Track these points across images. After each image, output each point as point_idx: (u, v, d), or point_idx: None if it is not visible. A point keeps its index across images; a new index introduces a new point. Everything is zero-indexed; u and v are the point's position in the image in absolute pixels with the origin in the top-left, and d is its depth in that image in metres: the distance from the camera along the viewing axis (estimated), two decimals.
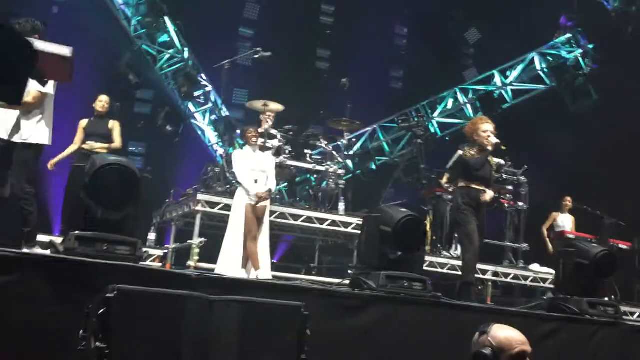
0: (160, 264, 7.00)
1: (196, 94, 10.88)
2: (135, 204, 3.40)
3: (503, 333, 2.57)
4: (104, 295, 2.69)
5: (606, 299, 8.41)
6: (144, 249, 3.50)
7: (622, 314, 4.86)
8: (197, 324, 2.79)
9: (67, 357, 3.02)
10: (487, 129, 5.91)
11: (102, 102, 7.44)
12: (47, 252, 3.47)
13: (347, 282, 4.43)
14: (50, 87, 4.49)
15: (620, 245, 9.39)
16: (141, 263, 3.44)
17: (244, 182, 6.58)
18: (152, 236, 7.70)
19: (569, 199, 9.79)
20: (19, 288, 2.97)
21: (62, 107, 5.13)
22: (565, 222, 9.67)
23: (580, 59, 11.31)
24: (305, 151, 8.37)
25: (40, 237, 5.91)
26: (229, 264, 6.44)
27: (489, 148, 5.83)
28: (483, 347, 2.52)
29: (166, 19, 10.87)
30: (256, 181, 6.65)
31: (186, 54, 11.00)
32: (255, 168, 6.69)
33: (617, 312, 4.74)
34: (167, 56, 10.89)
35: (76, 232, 3.25)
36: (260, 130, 7.37)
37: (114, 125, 7.37)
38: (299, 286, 3.90)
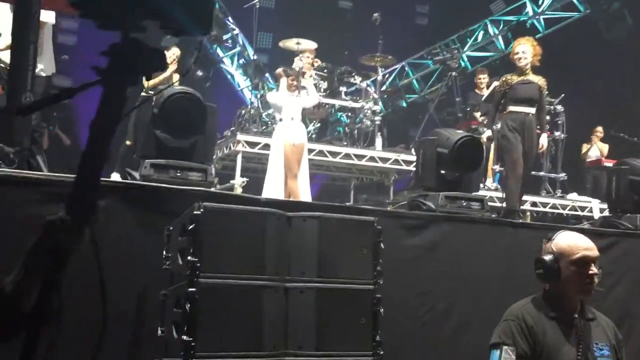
0: None
1: (224, 37, 10.80)
2: (203, 132, 3.47)
3: (566, 239, 2.58)
4: (189, 213, 2.80)
5: None
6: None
7: None
8: (278, 238, 2.89)
9: (151, 275, 3.16)
10: (518, 51, 5.96)
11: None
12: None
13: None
14: (50, 16, 4.48)
15: None
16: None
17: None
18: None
19: (599, 128, 9.73)
20: (105, 213, 3.09)
21: None
22: (596, 151, 9.63)
23: None
24: (340, 88, 8.36)
25: None
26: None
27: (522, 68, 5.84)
28: (545, 254, 2.56)
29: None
30: (292, 119, 6.72)
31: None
32: (291, 110, 6.75)
33: None
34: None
35: (150, 160, 3.34)
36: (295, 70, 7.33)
37: None
38: (363, 207, 3.99)
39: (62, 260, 1.38)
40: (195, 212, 2.72)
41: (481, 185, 8.43)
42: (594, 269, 2.52)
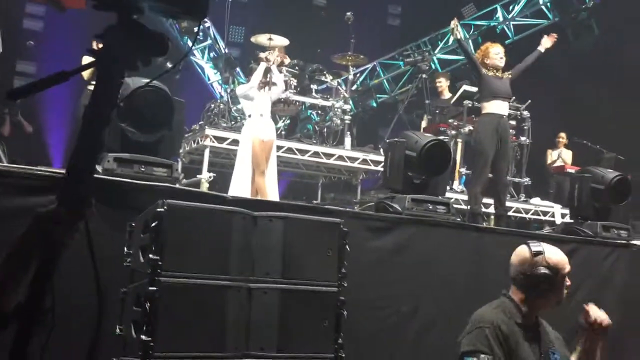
0: None
1: (195, 29, 10.63)
2: (169, 127, 3.40)
3: (556, 253, 2.67)
4: (152, 210, 2.74)
5: None
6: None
7: (633, 237, 5.01)
8: (243, 238, 2.86)
9: (112, 272, 3.08)
10: (498, 51, 6.22)
11: None
12: None
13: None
14: None
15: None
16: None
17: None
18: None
19: (562, 134, 9.92)
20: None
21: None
22: (561, 155, 9.83)
23: None
24: (311, 86, 8.34)
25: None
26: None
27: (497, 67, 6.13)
28: (538, 267, 2.59)
29: None
30: (262, 115, 6.67)
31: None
32: (261, 105, 6.70)
33: (629, 235, 4.89)
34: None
35: (114, 154, 3.26)
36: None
37: None
38: (330, 208, 3.97)
39: (55, 256, 1.31)
40: (158, 210, 2.66)
41: (447, 188, 8.57)
42: (569, 282, 2.67)
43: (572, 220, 5.10)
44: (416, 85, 9.12)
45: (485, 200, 8.33)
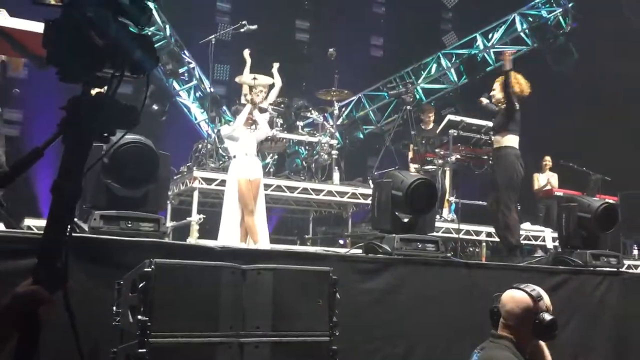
0: None
1: (180, 71, 10.76)
2: (155, 181, 3.41)
3: (546, 295, 2.82)
4: (140, 270, 2.73)
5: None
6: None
7: (623, 264, 5.03)
8: (232, 293, 2.84)
9: (99, 332, 3.06)
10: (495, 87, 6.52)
11: None
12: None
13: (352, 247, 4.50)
14: None
15: (607, 200, 9.64)
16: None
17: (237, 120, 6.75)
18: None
19: (547, 158, 10.03)
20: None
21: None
22: (549, 180, 9.90)
23: (561, 17, 11.42)
24: (297, 123, 8.40)
25: (30, 222, 5.94)
26: (230, 239, 6.48)
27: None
28: (543, 313, 2.74)
29: None
30: (247, 154, 6.71)
31: (168, 31, 10.85)
32: (246, 145, 6.74)
33: (618, 262, 4.92)
34: (148, 33, 10.68)
35: (100, 211, 3.26)
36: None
37: None
38: (318, 253, 3.97)
39: (35, 334, 1.29)
40: (145, 269, 2.66)
41: (438, 217, 8.60)
42: None
43: (562, 250, 5.12)
44: (401, 116, 9.23)
45: (477, 227, 8.46)
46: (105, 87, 1.42)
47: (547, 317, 2.71)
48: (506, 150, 5.99)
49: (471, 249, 9.44)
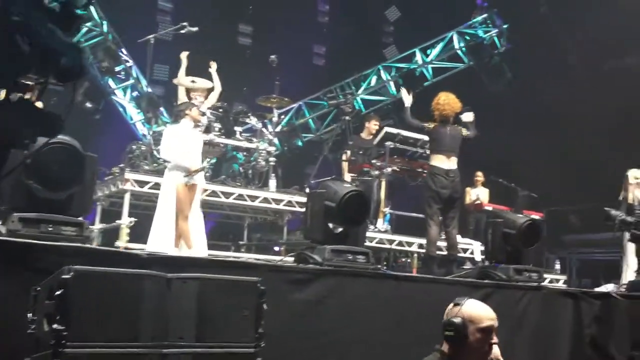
0: None
1: (117, 69, 10.47)
2: (80, 183, 3.29)
3: (475, 307, 2.75)
4: (57, 276, 2.62)
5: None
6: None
7: (544, 279, 5.24)
8: (155, 302, 2.77)
9: (16, 339, 2.93)
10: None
11: None
12: None
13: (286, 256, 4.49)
14: None
15: (533, 216, 10.03)
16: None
17: (173, 159, 6.46)
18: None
19: (479, 173, 10.35)
20: None
21: None
22: (478, 195, 10.21)
23: (496, 38, 11.84)
24: (235, 128, 8.32)
25: None
26: (160, 243, 6.32)
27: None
28: (454, 317, 2.68)
29: None
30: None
31: (105, 28, 10.54)
32: (187, 146, 6.60)
33: (540, 277, 5.11)
34: (85, 29, 10.38)
35: (19, 213, 3.11)
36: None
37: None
38: (248, 262, 3.94)
39: None
40: (63, 276, 2.55)
41: (372, 227, 8.71)
42: (495, 339, 2.70)
43: (486, 265, 5.28)
44: (340, 126, 9.31)
45: (408, 238, 8.63)
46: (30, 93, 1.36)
47: (451, 319, 2.67)
48: (428, 170, 6.63)
49: (403, 259, 9.62)
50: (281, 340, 3.62)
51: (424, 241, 8.69)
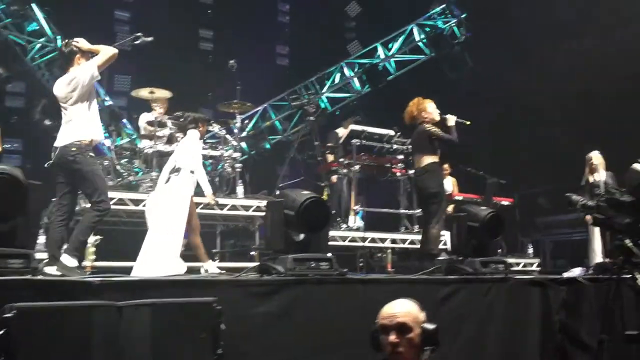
0: None
1: None
2: (24, 213, 3.19)
3: (384, 308, 2.74)
4: (0, 316, 2.53)
5: (499, 250, 9.15)
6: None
7: (510, 269, 5.26)
8: (107, 333, 2.70)
9: None
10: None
11: None
12: None
13: (251, 266, 4.43)
14: None
15: (503, 202, 10.13)
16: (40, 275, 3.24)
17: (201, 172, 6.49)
18: (41, 239, 7.26)
19: (445, 166, 10.38)
20: None
21: None
22: (446, 186, 10.24)
23: (455, 28, 11.88)
24: None
25: None
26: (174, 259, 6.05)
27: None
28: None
29: (34, 5, 10.11)
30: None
31: (59, 42, 10.31)
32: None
33: (506, 268, 5.13)
34: (39, 45, 10.17)
35: None
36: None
37: None
38: (207, 279, 3.86)
39: None
40: (5, 316, 2.46)
41: (344, 226, 8.68)
42: (392, 338, 2.61)
43: (454, 259, 5.28)
44: (305, 126, 9.25)
45: (381, 234, 8.61)
46: None
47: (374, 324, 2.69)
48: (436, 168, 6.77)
49: (379, 255, 9.62)
50: (246, 357, 3.57)
51: (397, 236, 8.74)
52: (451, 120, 6.68)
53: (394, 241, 8.69)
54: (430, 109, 6.69)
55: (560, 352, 4.90)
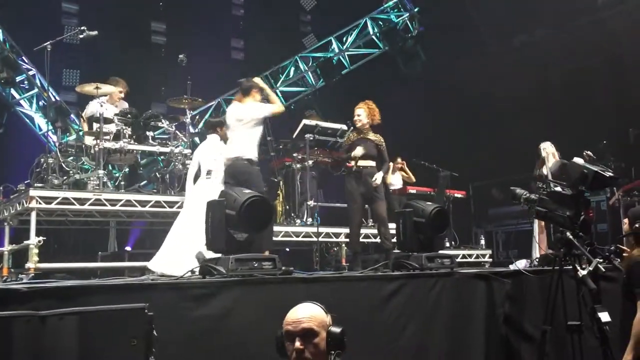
0: None
1: (18, 79, 9.92)
2: None
3: (289, 313, 2.68)
4: None
5: (447, 244, 9.24)
6: None
7: (456, 264, 5.30)
8: (29, 346, 2.59)
9: None
10: (356, 113, 6.93)
11: None
12: None
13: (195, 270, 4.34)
14: None
15: (456, 194, 10.25)
16: None
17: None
18: None
19: (399, 160, 10.45)
20: None
21: None
22: (396, 180, 10.31)
23: (408, 22, 11.94)
24: (147, 133, 8.02)
25: None
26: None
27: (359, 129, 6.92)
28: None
29: None
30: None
31: (1, 36, 9.96)
32: None
33: (452, 262, 5.17)
34: None
35: None
36: None
37: None
38: (142, 283, 3.76)
39: None
40: None
41: (298, 222, 8.65)
42: (297, 345, 2.55)
43: (400, 254, 5.29)
44: None
45: (336, 229, 8.61)
46: None
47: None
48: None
49: (335, 249, 9.63)
50: None
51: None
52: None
53: (347, 236, 8.68)
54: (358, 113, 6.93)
55: (505, 344, 4.97)
